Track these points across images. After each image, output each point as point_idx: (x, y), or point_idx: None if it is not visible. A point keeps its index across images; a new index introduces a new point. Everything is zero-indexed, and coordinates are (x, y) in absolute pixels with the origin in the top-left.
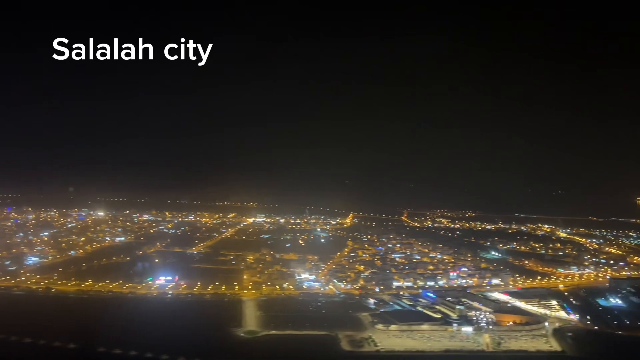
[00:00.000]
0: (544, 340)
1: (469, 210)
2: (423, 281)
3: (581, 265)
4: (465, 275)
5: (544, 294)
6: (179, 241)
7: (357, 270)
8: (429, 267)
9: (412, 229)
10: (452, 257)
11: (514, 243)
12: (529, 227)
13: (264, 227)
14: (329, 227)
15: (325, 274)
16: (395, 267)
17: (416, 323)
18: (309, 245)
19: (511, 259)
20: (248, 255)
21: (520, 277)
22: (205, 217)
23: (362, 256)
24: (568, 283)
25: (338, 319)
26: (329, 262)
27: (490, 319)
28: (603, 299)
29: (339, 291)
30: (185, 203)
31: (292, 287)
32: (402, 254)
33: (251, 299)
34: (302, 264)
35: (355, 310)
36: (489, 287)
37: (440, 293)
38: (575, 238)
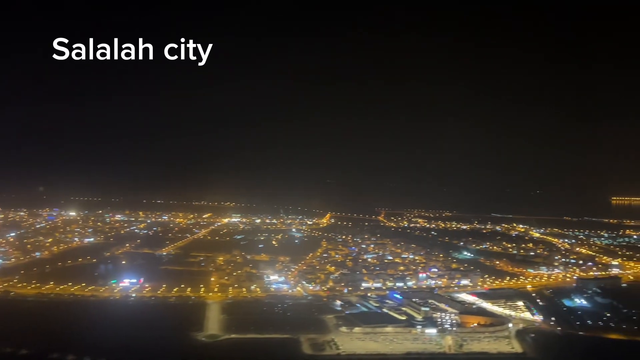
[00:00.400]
0: (506, 342)
1: (446, 210)
2: (392, 282)
3: (551, 266)
4: (435, 275)
5: (511, 295)
6: (149, 242)
7: (328, 271)
8: (400, 268)
9: (388, 229)
10: (423, 257)
11: (487, 243)
12: (503, 227)
13: (239, 227)
14: (304, 227)
15: (295, 276)
16: (366, 268)
17: (380, 325)
18: (282, 246)
19: (482, 259)
20: (218, 256)
21: (489, 278)
22: (179, 217)
23: (334, 257)
24: (536, 284)
25: (302, 322)
26: (300, 263)
27: (454, 321)
28: (569, 300)
29: (307, 293)
30: (161, 203)
31: (259, 289)
32: (374, 255)
33: (216, 302)
34: (272, 265)
35: (321, 313)
36: (458, 287)
37: (407, 294)
38: (547, 238)
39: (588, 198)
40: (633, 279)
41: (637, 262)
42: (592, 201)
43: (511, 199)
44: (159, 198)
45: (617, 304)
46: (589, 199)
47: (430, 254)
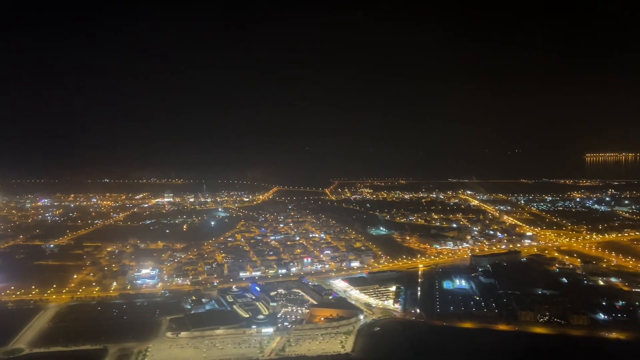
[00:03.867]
0: (341, 339)
1: (401, 177)
2: (275, 270)
3: (460, 241)
4: (329, 258)
5: (389, 279)
6: (50, 231)
7: (215, 260)
8: (297, 251)
9: (324, 204)
10: (332, 236)
11: (415, 215)
12: (447, 194)
13: (164, 208)
14: (236, 206)
15: (170, 268)
16: (260, 254)
17: (210, 328)
18: (191, 231)
19: (396, 234)
20: (110, 246)
21: (385, 257)
22: (110, 198)
23: (239, 241)
24: (432, 262)
25: (131, 328)
26: (194, 250)
27: (301, 317)
28: (449, 281)
29: (165, 290)
30: (107, 182)
31: (121, 285)
32: (282, 236)
33: (57, 305)
34: (158, 256)
35: (164, 314)
36: (345, 271)
37: (273, 286)
38: (484, 206)
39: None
40: (537, 252)
41: (555, 231)
42: (566, 158)
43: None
44: (106, 177)
45: (496, 284)
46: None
47: (342, 232)
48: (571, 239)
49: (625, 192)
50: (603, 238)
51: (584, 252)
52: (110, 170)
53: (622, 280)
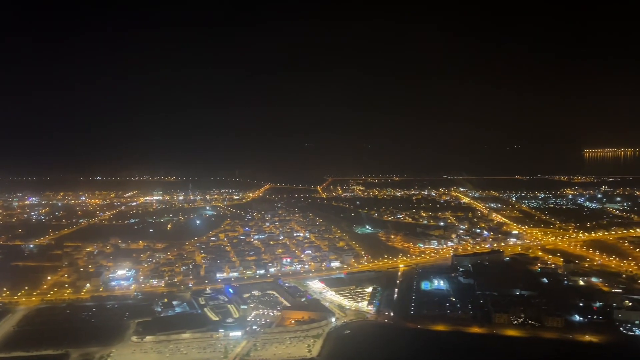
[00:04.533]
0: (309, 342)
1: (395, 174)
2: (253, 271)
3: (445, 239)
4: (310, 257)
5: (368, 279)
6: (30, 231)
7: (194, 260)
8: (278, 251)
9: (314, 202)
10: (316, 235)
11: (403, 213)
12: (439, 192)
13: (152, 207)
14: (225, 204)
15: (147, 269)
16: (241, 254)
17: (177, 332)
18: (175, 230)
19: (382, 233)
20: (90, 246)
21: (367, 257)
22: (99, 196)
23: (221, 240)
24: (413, 262)
25: (98, 331)
26: (174, 250)
27: (271, 320)
28: (428, 282)
29: (138, 292)
30: (100, 180)
31: (95, 287)
32: (266, 235)
33: (26, 308)
34: (135, 256)
35: (135, 316)
36: (322, 272)
37: (247, 288)
38: (474, 204)
39: (562, 151)
40: (521, 251)
41: (542, 229)
42: (565, 154)
43: (484, 156)
44: (102, 175)
45: (475, 285)
46: (563, 152)
47: (327, 231)
48: (557, 237)
49: (618, 189)
50: (589, 236)
51: (569, 251)
52: (103, 167)
53: (603, 280)
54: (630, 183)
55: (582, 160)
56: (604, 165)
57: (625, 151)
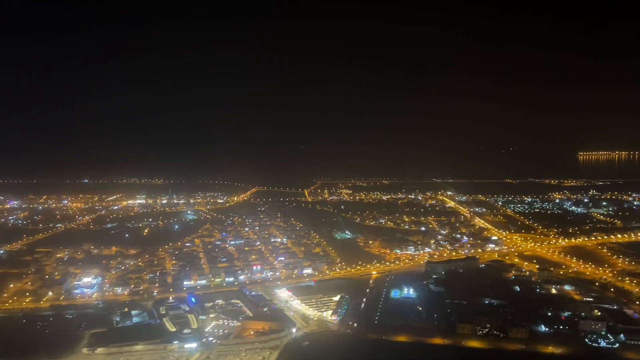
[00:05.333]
0: (265, 354)
1: (386, 177)
2: (221, 278)
3: (423, 245)
4: (282, 264)
5: (337, 287)
6: (4, 236)
7: (163, 267)
8: (252, 257)
9: (299, 205)
10: (293, 241)
11: (386, 218)
12: (426, 195)
13: (133, 211)
14: (208, 207)
15: (115, 277)
16: (213, 260)
17: (129, 343)
18: (152, 235)
19: (361, 238)
20: (62, 252)
21: (341, 264)
22: (82, 200)
23: (196, 246)
24: (387, 268)
25: (51, 343)
26: (145, 256)
27: (230, 331)
28: (398, 290)
29: (99, 301)
30: (87, 183)
31: (56, 295)
32: (242, 241)
33: None
34: (105, 263)
35: (91, 327)
36: (294, 279)
37: (211, 296)
38: (459, 208)
39: (557, 154)
40: (498, 258)
41: (523, 235)
42: (560, 157)
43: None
44: (89, 178)
45: (445, 293)
46: (558, 154)
47: (306, 236)
48: (537, 243)
49: (606, 193)
50: (569, 242)
51: (546, 258)
52: (93, 170)
53: (576, 288)
54: (619, 187)
55: (576, 163)
56: (596, 168)
57: (619, 154)
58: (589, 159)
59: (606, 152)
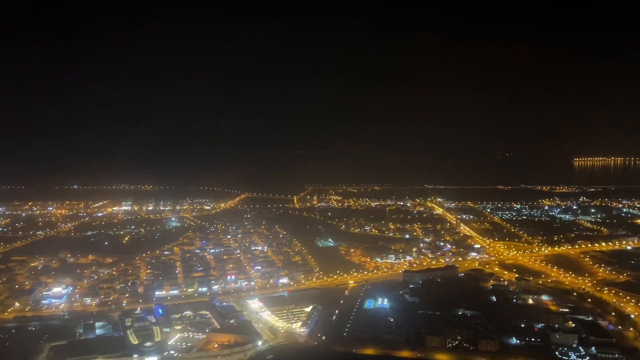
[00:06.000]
0: None
1: (376, 184)
2: (194, 289)
3: (404, 254)
4: (259, 273)
5: (311, 297)
6: None
7: (137, 277)
8: (229, 266)
9: (286, 212)
10: (274, 249)
11: (371, 225)
12: (415, 202)
13: (117, 217)
14: (194, 214)
15: (86, 286)
16: (189, 269)
17: (89, 357)
18: (132, 242)
19: (343, 246)
20: (37, 260)
21: (318, 273)
22: (66, 207)
23: (175, 254)
24: (364, 277)
25: (9, 356)
26: (120, 265)
27: (193, 344)
28: (372, 300)
29: (65, 312)
30: (75, 189)
31: (23, 306)
32: (222, 249)
33: None
34: (79, 272)
35: (53, 339)
36: (269, 289)
37: (180, 307)
38: (446, 214)
39: (553, 159)
40: (478, 267)
41: (507, 243)
42: (555, 163)
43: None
44: (79, 184)
45: (419, 304)
46: (554, 160)
47: (287, 244)
48: (520, 251)
49: (596, 200)
50: (552, 250)
51: (527, 267)
52: (82, 175)
53: (553, 298)
54: (611, 193)
55: (571, 169)
56: (591, 174)
57: (615, 160)
58: (584, 165)
59: (602, 158)
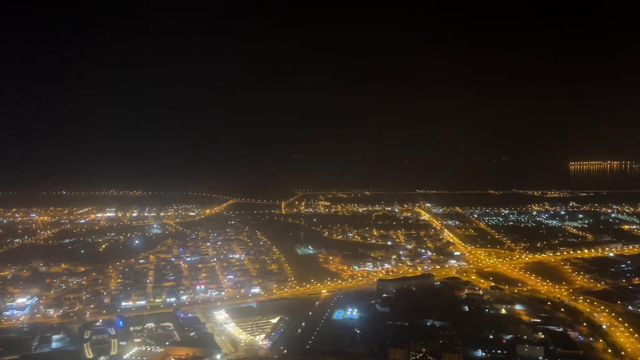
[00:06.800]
0: None
1: (368, 189)
2: (162, 299)
3: (382, 261)
4: (231, 282)
5: (280, 308)
6: None
7: (107, 286)
8: (202, 275)
9: (271, 218)
10: (251, 257)
11: (355, 231)
12: (403, 207)
13: (98, 224)
14: (178, 220)
15: (52, 297)
16: (160, 279)
17: None
18: (108, 250)
19: (322, 254)
20: (8, 269)
21: (292, 282)
22: (49, 213)
23: (150, 262)
24: (338, 286)
25: None
26: (92, 274)
27: (149, 358)
28: (342, 310)
29: (24, 324)
30: (65, 194)
31: None
32: (198, 258)
33: None
34: (49, 282)
35: (7, 353)
36: (239, 299)
37: (143, 319)
38: (432, 220)
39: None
40: (455, 274)
41: (489, 249)
42: (551, 166)
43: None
44: (67, 189)
45: (390, 313)
46: (550, 164)
47: (266, 252)
48: (501, 258)
49: (585, 205)
50: (533, 258)
51: (506, 274)
52: (72, 181)
53: (526, 308)
54: (602, 198)
55: (566, 173)
56: (585, 178)
57: (611, 163)
58: (580, 169)
59: (598, 161)
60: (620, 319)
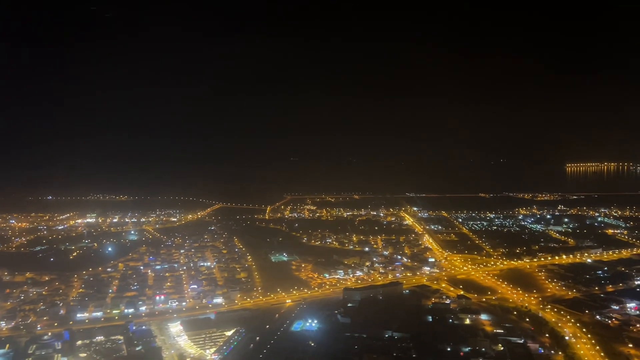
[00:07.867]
0: None
1: (357, 192)
2: (119, 310)
3: (354, 269)
4: (195, 292)
5: (239, 319)
6: None
7: (67, 296)
8: (167, 284)
9: (253, 224)
10: (221, 266)
11: (334, 237)
12: (389, 212)
13: (76, 231)
14: (157, 226)
15: (8, 308)
16: (123, 288)
17: None
18: (79, 258)
19: (296, 261)
20: None
21: (258, 291)
22: (29, 219)
23: (118, 270)
24: (303, 296)
25: None
26: (54, 284)
27: None
28: (301, 322)
29: None
30: (49, 199)
31: None
32: (167, 266)
33: None
34: (8, 292)
35: None
36: (199, 310)
37: (93, 332)
38: (415, 225)
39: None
40: (426, 282)
41: (465, 255)
42: (549, 168)
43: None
44: (53, 195)
45: (351, 325)
46: (547, 166)
47: (238, 259)
48: (476, 265)
49: (574, 208)
50: (509, 264)
51: (478, 282)
52: (60, 186)
53: (491, 318)
54: (592, 201)
55: (562, 175)
56: (580, 180)
57: (608, 165)
58: (577, 171)
59: (595, 163)
60: (584, 329)
